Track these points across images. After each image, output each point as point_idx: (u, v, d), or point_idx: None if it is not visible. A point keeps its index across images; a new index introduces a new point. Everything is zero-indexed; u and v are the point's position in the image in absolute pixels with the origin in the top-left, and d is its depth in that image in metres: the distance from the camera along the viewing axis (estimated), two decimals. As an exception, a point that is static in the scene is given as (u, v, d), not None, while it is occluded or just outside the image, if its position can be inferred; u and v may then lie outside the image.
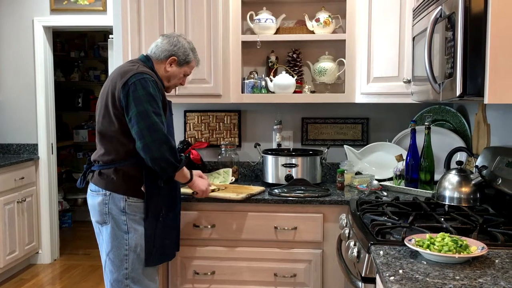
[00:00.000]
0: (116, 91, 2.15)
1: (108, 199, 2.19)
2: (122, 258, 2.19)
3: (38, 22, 4.35)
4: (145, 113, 2.09)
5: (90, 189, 2.28)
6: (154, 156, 2.10)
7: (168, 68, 2.31)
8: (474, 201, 2.13)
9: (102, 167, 2.22)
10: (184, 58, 2.32)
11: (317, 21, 2.90)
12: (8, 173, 3.94)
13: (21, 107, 4.41)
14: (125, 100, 2.12)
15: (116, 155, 2.19)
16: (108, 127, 2.18)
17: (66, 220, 5.83)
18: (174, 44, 2.30)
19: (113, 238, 2.19)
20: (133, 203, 2.19)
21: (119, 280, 2.20)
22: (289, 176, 2.78)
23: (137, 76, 2.14)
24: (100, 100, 2.25)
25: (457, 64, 1.58)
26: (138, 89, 2.11)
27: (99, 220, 2.24)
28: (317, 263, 2.56)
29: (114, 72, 2.27)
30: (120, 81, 2.15)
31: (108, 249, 2.21)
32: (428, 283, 1.30)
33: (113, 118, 2.16)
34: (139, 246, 2.20)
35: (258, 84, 2.96)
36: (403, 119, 3.03)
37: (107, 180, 2.20)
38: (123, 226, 2.19)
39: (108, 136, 2.20)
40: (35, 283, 4.01)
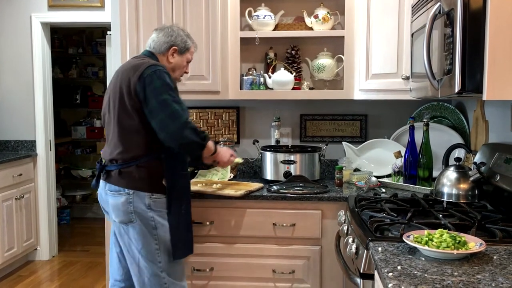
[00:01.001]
0: (131, 84, 2.14)
1: (132, 198, 2.16)
2: (154, 253, 2.19)
3: (35, 18, 4.34)
4: (165, 102, 2.11)
5: (109, 190, 2.21)
6: (181, 143, 2.13)
7: (171, 59, 2.33)
8: (473, 197, 2.13)
9: (122, 165, 2.18)
10: (184, 45, 2.35)
11: (316, 17, 2.90)
12: (6, 169, 3.94)
13: (19, 104, 4.40)
14: (143, 93, 2.12)
15: (137, 151, 2.17)
16: (128, 122, 2.16)
17: (65, 217, 5.83)
18: (170, 35, 2.32)
19: (143, 236, 2.17)
20: (158, 199, 2.19)
21: (156, 274, 2.20)
22: (288, 172, 2.78)
23: (151, 68, 2.15)
24: (113, 97, 2.21)
25: (455, 60, 1.58)
26: (155, 81, 2.13)
27: (124, 220, 2.18)
28: (316, 259, 2.57)
29: (123, 68, 2.25)
30: (135, 74, 2.15)
31: (139, 247, 2.18)
32: (426, 279, 1.30)
33: (132, 111, 2.15)
34: (168, 240, 2.21)
35: (256, 81, 2.96)
36: (401, 115, 3.03)
37: (130, 179, 2.17)
38: (151, 222, 2.18)
39: (128, 132, 2.17)
40: (33, 280, 4.01)
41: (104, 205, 2.30)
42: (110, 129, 2.25)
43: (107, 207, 2.27)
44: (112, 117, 2.22)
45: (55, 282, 3.98)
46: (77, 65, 6.11)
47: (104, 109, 2.31)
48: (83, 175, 6.05)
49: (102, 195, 2.29)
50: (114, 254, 2.38)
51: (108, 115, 2.26)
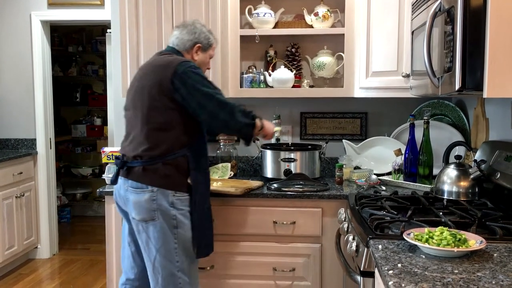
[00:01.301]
0: (164, 81, 2.14)
1: (156, 195, 2.14)
2: (173, 252, 2.18)
3: (35, 16, 4.33)
4: (209, 94, 2.15)
5: (131, 186, 2.17)
6: (234, 128, 2.23)
7: (196, 56, 2.34)
8: (473, 195, 2.13)
9: (147, 162, 2.16)
10: (207, 42, 2.36)
11: (316, 15, 2.90)
12: (6, 168, 3.94)
13: (19, 102, 4.40)
14: (184, 90, 2.13)
15: (164, 149, 2.16)
16: (158, 118, 2.16)
17: (65, 215, 5.83)
18: (194, 32, 2.32)
19: (163, 234, 2.16)
20: (181, 197, 2.19)
21: (173, 274, 2.19)
22: (288, 170, 2.78)
23: (184, 64, 2.17)
24: (141, 94, 2.19)
25: (456, 58, 1.58)
26: (192, 76, 2.14)
27: (146, 218, 2.16)
28: (316, 257, 2.57)
29: (151, 65, 2.24)
30: (167, 71, 2.15)
31: (158, 245, 2.16)
32: (426, 276, 1.30)
33: (163, 109, 2.15)
34: (187, 239, 2.21)
35: (256, 79, 2.96)
36: (401, 113, 3.03)
37: (154, 176, 2.15)
38: (173, 221, 2.17)
39: (157, 129, 2.16)
40: (34, 278, 4.01)
41: (121, 202, 2.27)
42: (134, 126, 2.22)
43: (125, 204, 2.24)
44: (139, 113, 2.19)
45: (56, 280, 3.99)
46: (77, 63, 6.10)
47: (128, 105, 2.29)
48: (83, 173, 6.05)
49: (120, 192, 2.24)
50: (128, 253, 2.35)
51: (132, 112, 2.24)
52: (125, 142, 2.27)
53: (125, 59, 2.82)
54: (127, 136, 2.28)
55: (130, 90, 2.29)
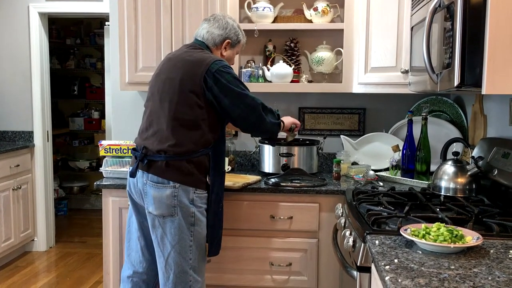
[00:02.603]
0: (197, 79, 2.13)
1: (178, 192, 2.13)
2: (187, 250, 2.17)
3: (33, 8, 4.31)
4: (241, 94, 2.18)
5: (152, 181, 2.14)
6: (264, 130, 2.30)
7: (224, 52, 2.34)
8: (470, 191, 2.14)
9: (171, 157, 2.13)
10: (236, 38, 2.36)
11: (315, 10, 2.89)
12: (3, 160, 3.93)
13: (16, 94, 4.39)
14: (216, 89, 2.13)
15: (191, 146, 2.14)
16: (188, 115, 2.14)
17: (62, 208, 5.82)
18: (225, 27, 2.31)
19: (180, 231, 2.15)
20: (201, 195, 2.19)
21: (185, 271, 2.18)
22: (286, 165, 2.78)
23: (218, 63, 2.17)
24: (170, 87, 2.16)
25: (455, 54, 1.57)
26: (225, 75, 2.15)
27: (165, 213, 2.13)
28: (313, 252, 2.57)
29: (181, 58, 2.21)
30: (200, 68, 2.14)
31: (174, 242, 2.15)
32: (423, 272, 1.31)
33: (194, 106, 2.13)
34: (202, 237, 2.21)
35: (255, 73, 2.95)
36: (400, 109, 3.03)
37: (177, 172, 2.13)
38: (190, 218, 2.16)
39: (185, 126, 2.14)
40: (30, 270, 4.02)
41: (136, 195, 2.23)
42: (158, 118, 2.19)
43: (140, 198, 2.21)
44: (166, 107, 2.16)
45: (52, 273, 3.99)
46: (75, 56, 6.08)
47: (152, 94, 2.25)
48: (80, 166, 6.04)
49: (137, 185, 2.20)
50: (137, 247, 2.33)
51: (158, 103, 2.20)
52: (146, 133, 2.22)
53: (123, 52, 2.81)
54: (148, 127, 2.23)
55: (157, 80, 2.25)
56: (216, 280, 2.63)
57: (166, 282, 2.20)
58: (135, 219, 2.32)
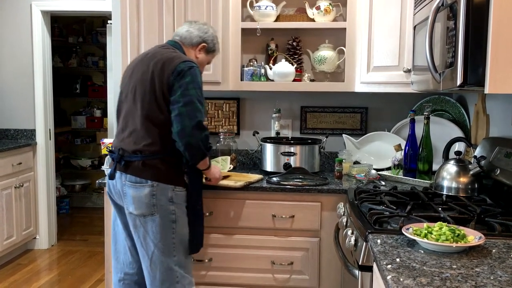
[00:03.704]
0: (165, 78, 2.13)
1: (156, 190, 2.14)
2: (171, 247, 2.19)
3: (36, 6, 4.31)
4: (190, 99, 2.13)
5: (130, 181, 2.16)
6: (189, 141, 2.12)
7: (198, 54, 2.35)
8: (472, 191, 2.13)
9: (147, 157, 2.15)
10: (212, 46, 2.39)
11: (318, 9, 2.88)
12: (5, 158, 3.94)
13: (19, 92, 4.39)
14: (176, 86, 2.13)
15: (165, 144, 2.16)
16: (159, 114, 2.15)
17: (64, 206, 5.83)
18: (205, 31, 2.35)
19: (162, 228, 2.16)
20: (179, 192, 2.20)
21: (170, 268, 2.20)
22: (288, 164, 2.78)
23: (186, 63, 2.16)
24: (141, 88, 2.17)
25: (458, 53, 1.57)
26: (187, 76, 2.14)
27: (145, 212, 2.15)
28: (314, 251, 2.57)
29: (152, 58, 2.21)
30: (169, 67, 2.14)
31: (157, 240, 2.17)
32: (425, 271, 1.30)
33: (164, 106, 2.14)
34: (184, 233, 2.23)
35: (257, 72, 2.95)
36: (402, 109, 3.02)
37: (154, 171, 2.15)
38: (171, 215, 2.17)
39: (158, 124, 2.16)
40: (32, 268, 4.02)
41: (116, 196, 2.26)
42: (133, 118, 2.20)
43: (121, 198, 2.23)
44: (139, 108, 2.17)
45: (54, 271, 3.99)
46: (77, 54, 6.09)
47: (126, 95, 2.26)
48: (82, 164, 6.05)
49: (116, 186, 2.23)
50: (125, 248, 2.34)
51: (132, 104, 2.21)
52: (122, 134, 2.24)
53: (126, 50, 2.81)
54: (124, 128, 2.25)
55: (129, 81, 2.26)
56: (218, 278, 2.63)
57: (153, 280, 2.21)
58: (120, 220, 2.33)
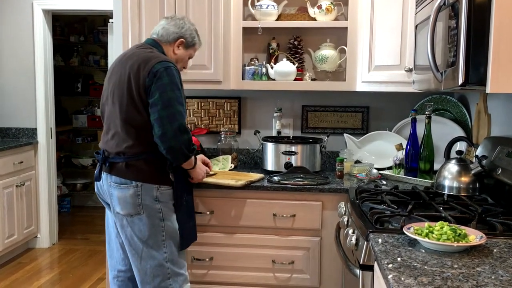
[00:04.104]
0: (141, 79, 2.12)
1: (141, 190, 2.15)
2: (160, 244, 2.20)
3: (37, 5, 4.32)
4: (169, 101, 2.10)
5: (115, 182, 2.18)
6: (171, 145, 2.11)
7: (176, 50, 2.33)
8: (474, 190, 2.13)
9: (129, 158, 2.16)
10: (191, 40, 2.35)
11: (319, 8, 2.88)
12: (7, 157, 3.94)
13: (20, 91, 4.39)
14: (152, 87, 2.11)
15: (147, 145, 2.16)
16: (137, 116, 2.14)
17: (65, 205, 5.84)
18: (181, 26, 2.32)
19: (150, 227, 2.18)
20: (165, 191, 2.21)
21: (161, 264, 2.21)
22: (289, 163, 2.78)
23: (162, 64, 2.14)
24: (119, 89, 2.17)
25: (459, 52, 1.57)
26: (163, 77, 2.11)
27: (131, 212, 2.17)
28: (315, 250, 2.57)
29: (129, 59, 2.20)
30: (144, 69, 2.12)
31: (145, 238, 2.18)
32: (426, 271, 1.30)
33: (141, 108, 2.13)
34: (174, 230, 2.24)
35: (258, 71, 2.95)
36: (403, 108, 3.02)
37: (138, 171, 2.16)
38: (159, 214, 2.19)
39: (137, 126, 2.15)
40: (33, 267, 4.03)
41: (104, 197, 2.29)
42: (114, 121, 2.20)
43: (108, 198, 2.25)
44: (118, 109, 2.17)
45: (55, 269, 4.00)
46: (78, 53, 6.09)
47: (107, 98, 2.26)
48: (83, 163, 6.05)
49: (103, 187, 2.26)
50: (117, 245, 2.36)
51: (111, 106, 2.21)
52: (106, 136, 2.25)
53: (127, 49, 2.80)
54: (107, 131, 2.25)
55: (109, 83, 2.25)
56: (218, 277, 2.63)
57: (144, 277, 2.22)
58: (111, 218, 2.35)
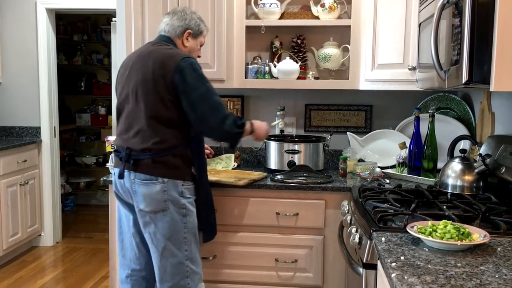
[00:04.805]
0: (167, 76, 2.13)
1: (167, 186, 2.16)
2: (182, 241, 2.21)
3: (41, 4, 4.32)
4: (205, 94, 2.15)
5: (139, 179, 2.17)
6: (221, 135, 2.23)
7: (186, 43, 2.34)
8: (477, 189, 2.13)
9: (156, 155, 2.16)
10: (197, 29, 2.37)
11: (322, 6, 2.88)
12: (10, 155, 3.95)
13: (24, 90, 4.41)
14: (181, 86, 2.13)
15: (174, 141, 2.18)
16: (164, 113, 2.16)
17: (69, 204, 5.86)
18: (184, 18, 2.33)
19: (173, 224, 2.18)
20: (188, 186, 2.23)
21: (181, 262, 2.22)
22: (292, 162, 2.78)
23: (186, 60, 2.17)
24: (144, 86, 2.16)
25: (463, 51, 1.56)
26: (192, 72, 2.15)
27: (156, 209, 2.16)
28: (318, 249, 2.57)
29: (150, 55, 2.20)
30: (169, 65, 2.14)
31: (168, 235, 2.18)
32: (429, 269, 1.30)
33: (169, 104, 2.15)
34: (195, 226, 2.26)
35: (261, 70, 2.95)
36: (407, 106, 3.02)
37: (165, 167, 2.17)
38: (182, 210, 2.20)
39: (164, 123, 2.17)
40: (37, 265, 4.04)
41: (125, 194, 2.26)
42: (137, 118, 2.19)
43: (129, 197, 2.23)
44: (143, 107, 2.17)
45: (59, 268, 4.01)
46: (81, 52, 6.10)
47: (126, 96, 2.24)
48: (87, 162, 6.06)
49: (124, 185, 2.23)
50: (132, 244, 2.35)
51: (134, 104, 2.20)
52: (127, 134, 2.24)
53: (130, 48, 2.81)
54: (128, 128, 2.24)
55: (128, 82, 2.24)
56: (221, 276, 2.63)
57: (163, 274, 2.22)
58: (130, 216, 2.34)
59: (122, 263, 2.41)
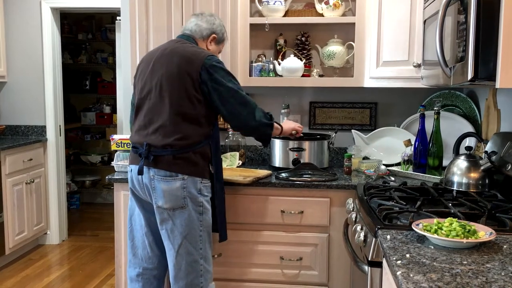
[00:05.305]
0: (193, 73, 2.16)
1: (187, 183, 2.18)
2: (197, 239, 2.22)
3: (45, 3, 4.34)
4: (233, 90, 2.21)
5: (159, 175, 2.17)
6: (252, 128, 2.29)
7: (210, 46, 2.38)
8: (483, 186, 2.12)
9: (177, 151, 2.17)
10: (222, 35, 2.42)
11: (327, 3, 2.87)
12: (16, 154, 3.97)
13: (29, 89, 4.42)
14: (209, 83, 2.17)
15: (196, 138, 2.20)
16: (190, 110, 2.18)
17: (74, 202, 5.88)
18: (212, 23, 2.37)
19: (190, 221, 2.20)
20: (206, 184, 2.25)
21: (196, 260, 2.23)
22: (296, 160, 2.78)
23: (211, 58, 2.21)
24: (169, 82, 2.17)
25: (469, 47, 1.56)
26: (219, 70, 2.19)
27: (175, 205, 2.17)
28: (323, 247, 2.57)
29: (174, 53, 2.21)
30: (196, 63, 2.17)
31: (185, 232, 2.19)
32: (435, 267, 1.30)
33: (196, 101, 2.18)
34: (210, 225, 2.28)
35: (266, 68, 2.94)
36: (412, 104, 3.01)
37: (186, 164, 2.18)
38: (199, 207, 2.22)
39: (188, 119, 2.18)
40: (43, 263, 4.06)
41: (142, 191, 2.25)
42: (159, 114, 2.20)
43: (147, 193, 2.22)
44: (168, 103, 2.17)
45: (65, 266, 4.03)
46: (86, 51, 6.11)
47: (148, 92, 2.23)
48: (92, 160, 6.08)
49: (143, 181, 2.21)
50: (144, 243, 2.35)
51: (157, 99, 2.20)
52: (146, 130, 2.23)
53: (135, 47, 2.82)
54: (148, 124, 2.23)
55: (151, 77, 2.24)
56: (226, 274, 2.64)
57: (178, 272, 2.22)
58: (142, 216, 2.34)
59: (132, 261, 2.40)
